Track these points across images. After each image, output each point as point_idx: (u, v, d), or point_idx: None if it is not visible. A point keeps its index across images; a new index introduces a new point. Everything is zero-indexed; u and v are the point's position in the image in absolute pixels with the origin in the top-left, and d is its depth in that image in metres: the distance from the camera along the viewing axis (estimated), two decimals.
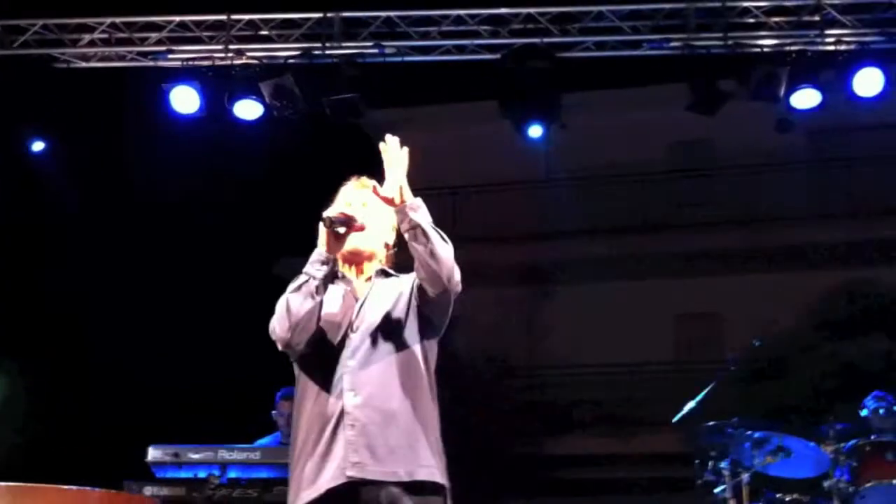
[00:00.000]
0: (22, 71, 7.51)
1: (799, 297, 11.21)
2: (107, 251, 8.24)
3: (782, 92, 7.23)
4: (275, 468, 5.24)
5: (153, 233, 8.08)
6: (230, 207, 8.24)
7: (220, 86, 7.44)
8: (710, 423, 6.08)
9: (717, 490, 5.96)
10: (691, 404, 6.07)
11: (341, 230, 3.36)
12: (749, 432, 5.93)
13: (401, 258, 3.58)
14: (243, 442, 5.72)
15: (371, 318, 3.40)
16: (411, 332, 3.40)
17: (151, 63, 7.60)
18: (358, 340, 3.36)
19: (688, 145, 13.82)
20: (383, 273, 3.55)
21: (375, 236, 3.52)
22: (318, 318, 3.35)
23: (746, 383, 8.79)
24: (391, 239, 3.58)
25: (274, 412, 6.54)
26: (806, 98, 7.28)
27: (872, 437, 6.10)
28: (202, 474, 5.12)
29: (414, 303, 3.41)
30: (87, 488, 4.08)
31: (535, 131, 7.58)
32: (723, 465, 5.94)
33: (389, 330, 3.38)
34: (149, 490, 5.04)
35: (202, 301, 7.97)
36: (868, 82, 7.10)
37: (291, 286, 3.37)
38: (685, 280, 13.55)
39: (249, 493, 5.18)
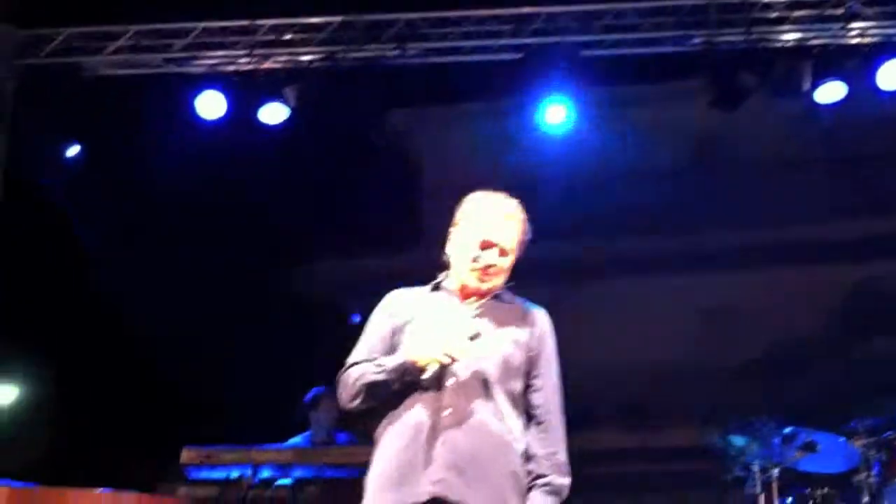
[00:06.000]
0: (49, 80, 7.60)
1: (820, 294, 11.16)
2: (135, 256, 8.31)
3: (806, 87, 7.22)
4: (307, 468, 5.30)
5: (181, 238, 8.14)
6: (257, 211, 8.29)
7: (245, 91, 7.51)
8: (739, 419, 6.07)
9: (746, 486, 5.95)
10: None
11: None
12: (778, 428, 5.91)
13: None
14: (274, 441, 5.78)
15: (482, 345, 3.26)
16: (514, 380, 3.32)
17: (177, 69, 7.67)
18: (461, 370, 3.24)
19: (709, 141, 13.78)
20: (495, 297, 3.45)
21: (505, 271, 3.46)
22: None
23: (768, 380, 8.77)
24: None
25: (312, 413, 6.52)
26: (830, 92, 7.27)
27: None
28: (235, 475, 5.18)
29: (524, 368, 3.34)
30: (120, 491, 4.14)
31: (556, 114, 7.46)
32: (752, 460, 5.93)
33: (496, 372, 3.28)
34: (182, 491, 5.11)
35: (231, 303, 8.03)
36: (892, 75, 7.09)
37: (368, 375, 3.26)
38: (706, 276, 13.51)
39: (281, 493, 5.23)
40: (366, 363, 3.33)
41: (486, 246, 3.41)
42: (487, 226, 3.43)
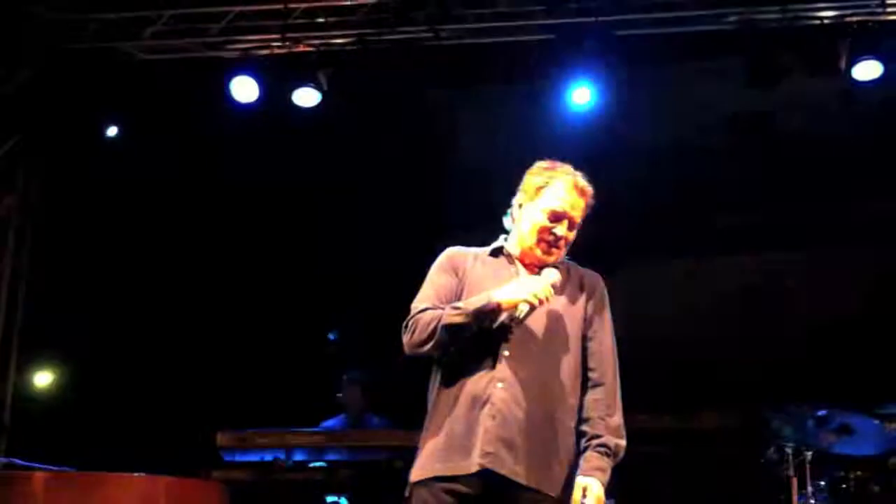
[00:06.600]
0: (86, 64, 7.67)
1: (863, 274, 11.00)
2: (172, 237, 8.40)
3: (843, 65, 7.12)
4: (340, 451, 5.35)
5: (218, 221, 8.21)
6: (293, 192, 8.33)
7: (278, 74, 7.52)
8: (773, 402, 6.05)
9: (779, 468, 5.92)
10: None
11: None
12: (812, 410, 5.88)
13: None
14: (309, 424, 5.84)
15: (538, 317, 3.26)
16: (571, 346, 3.32)
17: (212, 53, 7.70)
18: (519, 335, 3.25)
19: (748, 120, 13.58)
20: (554, 267, 3.41)
21: (570, 243, 3.47)
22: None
23: (803, 362, 8.69)
24: None
25: (339, 395, 6.59)
26: (868, 70, 7.15)
27: None
28: (269, 458, 5.25)
29: (581, 332, 3.35)
30: (156, 475, 4.20)
31: (582, 96, 7.47)
32: (786, 443, 5.90)
33: (554, 337, 3.29)
34: (217, 474, 5.19)
35: (266, 284, 8.09)
36: None
37: (446, 317, 3.21)
38: (748, 256, 13.36)
39: (315, 475, 5.30)
40: (440, 307, 3.28)
41: (556, 218, 3.40)
42: (558, 197, 3.41)
